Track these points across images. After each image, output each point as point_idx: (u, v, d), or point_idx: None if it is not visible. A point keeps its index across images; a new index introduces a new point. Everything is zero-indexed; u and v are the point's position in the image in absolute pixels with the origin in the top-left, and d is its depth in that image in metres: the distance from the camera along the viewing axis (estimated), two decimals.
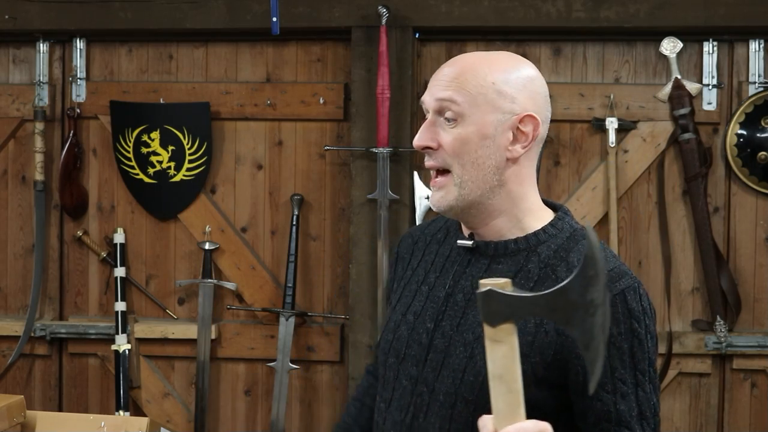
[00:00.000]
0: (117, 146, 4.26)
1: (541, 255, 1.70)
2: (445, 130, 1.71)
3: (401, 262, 1.89)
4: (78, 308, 4.38)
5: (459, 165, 1.69)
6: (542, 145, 1.77)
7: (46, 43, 4.30)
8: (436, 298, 1.75)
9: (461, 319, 1.71)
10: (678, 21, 3.93)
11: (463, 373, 1.68)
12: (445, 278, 1.76)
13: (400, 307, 1.81)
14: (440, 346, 1.71)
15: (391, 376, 1.78)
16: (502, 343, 1.44)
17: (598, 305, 1.40)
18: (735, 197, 4.06)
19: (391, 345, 1.79)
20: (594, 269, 1.39)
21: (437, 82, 1.73)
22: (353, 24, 4.02)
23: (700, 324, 4.05)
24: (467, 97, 1.69)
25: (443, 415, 1.69)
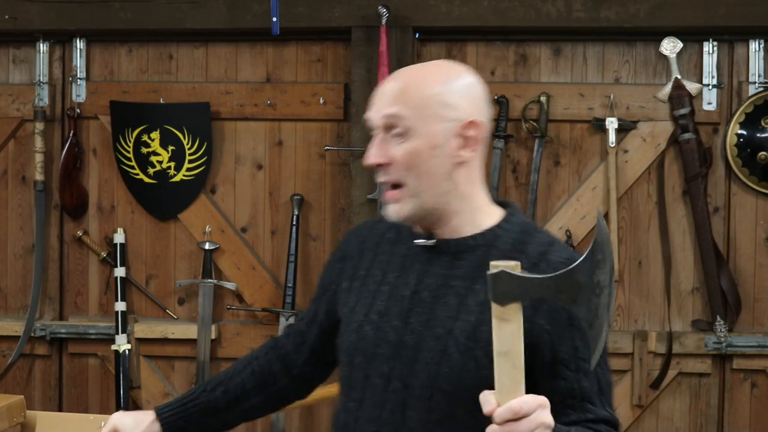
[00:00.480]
0: (117, 146, 4.26)
1: (500, 249, 1.77)
2: (395, 146, 1.76)
3: (350, 261, 1.92)
4: (78, 308, 4.38)
5: (412, 177, 1.75)
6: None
7: (46, 43, 4.30)
8: (400, 296, 1.80)
9: (430, 315, 1.76)
10: (678, 21, 3.93)
11: (438, 366, 1.73)
12: (407, 277, 1.81)
13: (360, 307, 1.84)
14: (410, 343, 1.76)
15: (360, 376, 1.82)
16: (509, 322, 1.51)
17: (604, 287, 1.50)
18: (735, 197, 4.06)
19: (356, 345, 1.83)
20: (602, 253, 1.48)
21: (382, 99, 1.78)
22: (353, 24, 4.02)
23: (700, 324, 4.05)
24: (413, 110, 1.74)
25: (421, 408, 1.75)
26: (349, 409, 1.84)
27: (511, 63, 4.13)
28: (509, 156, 4.13)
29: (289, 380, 2.05)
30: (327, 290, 1.97)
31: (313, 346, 2.02)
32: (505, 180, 4.13)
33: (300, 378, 2.06)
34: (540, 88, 4.08)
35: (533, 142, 4.08)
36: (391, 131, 1.76)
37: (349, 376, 1.85)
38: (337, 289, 1.93)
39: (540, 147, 4.08)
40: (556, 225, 4.08)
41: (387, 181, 1.77)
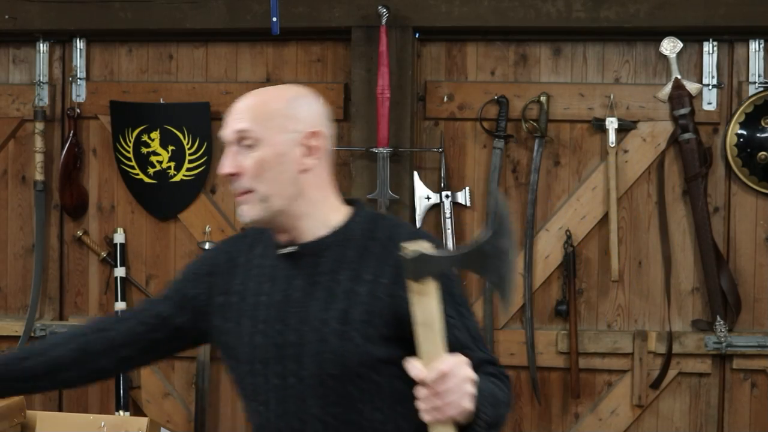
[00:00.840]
0: (117, 146, 4.26)
1: (354, 240, 2.00)
2: (246, 156, 1.96)
3: (220, 276, 2.09)
4: (78, 308, 4.38)
5: (260, 183, 1.96)
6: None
7: (46, 43, 4.31)
8: (276, 302, 1.99)
9: (304, 312, 1.97)
10: (678, 21, 3.93)
11: (321, 354, 1.94)
12: (278, 284, 2.01)
13: (246, 320, 2.02)
14: (293, 340, 1.97)
15: (262, 380, 2.01)
16: (427, 296, 1.71)
17: (508, 252, 1.72)
18: (735, 197, 4.06)
19: (253, 354, 2.01)
20: (503, 225, 1.71)
21: (232, 117, 1.99)
22: (353, 24, 4.02)
23: (700, 324, 4.05)
24: (259, 124, 1.96)
25: (317, 395, 1.96)
26: (260, 412, 2.03)
27: (511, 63, 4.13)
28: (509, 156, 4.13)
29: (111, 362, 2.16)
30: (191, 300, 2.11)
31: (149, 342, 2.15)
32: (505, 180, 4.13)
33: (124, 361, 2.18)
34: (540, 88, 4.08)
35: (533, 142, 4.08)
36: (241, 144, 1.96)
37: (253, 383, 2.02)
38: (208, 302, 2.09)
39: (540, 147, 4.08)
40: (556, 225, 4.08)
41: (238, 189, 1.97)
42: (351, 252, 1.98)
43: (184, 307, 2.11)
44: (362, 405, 1.96)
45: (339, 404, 1.96)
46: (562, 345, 4.07)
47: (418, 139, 4.14)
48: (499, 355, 4.09)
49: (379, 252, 1.96)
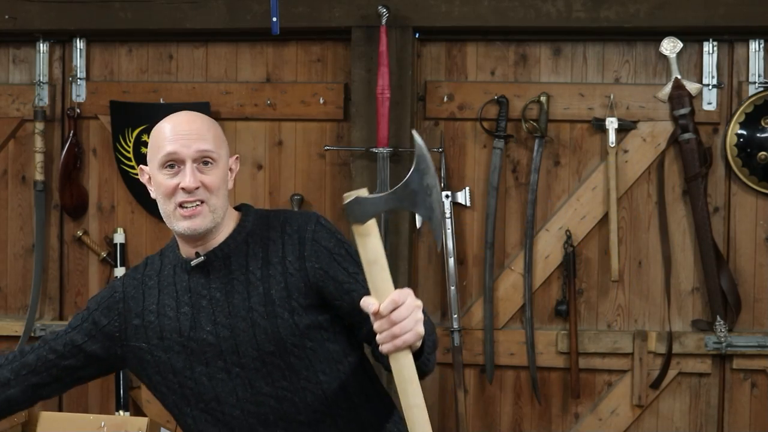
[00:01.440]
0: (117, 146, 4.26)
1: (254, 236, 2.21)
2: (205, 173, 2.16)
3: (132, 300, 2.25)
4: (78, 308, 4.37)
5: (213, 197, 2.17)
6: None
7: (46, 43, 4.31)
8: (200, 308, 2.18)
9: (229, 306, 2.16)
10: (678, 21, 3.93)
11: (255, 337, 2.13)
12: (197, 293, 2.19)
13: (170, 333, 2.19)
14: (225, 334, 2.15)
15: (205, 380, 2.17)
16: (370, 236, 1.84)
17: (433, 187, 1.88)
18: (735, 197, 4.06)
19: (189, 359, 2.17)
20: (425, 163, 1.86)
21: (192, 136, 2.17)
22: (353, 24, 4.02)
23: (700, 324, 4.05)
24: (217, 146, 2.19)
25: (262, 374, 2.14)
26: (210, 410, 2.18)
27: (511, 63, 4.13)
28: (509, 156, 4.13)
29: (21, 389, 2.28)
30: (103, 328, 2.25)
31: (61, 369, 2.29)
32: (505, 180, 4.13)
33: (35, 388, 2.30)
34: (540, 88, 4.08)
35: (533, 142, 4.08)
36: (200, 162, 2.16)
37: (195, 387, 2.18)
38: (122, 328, 2.24)
39: (540, 147, 4.08)
40: (556, 225, 4.08)
41: (194, 200, 2.15)
42: (254, 246, 2.20)
43: (95, 336, 2.25)
44: (306, 372, 2.15)
45: (285, 377, 2.14)
46: (562, 345, 4.07)
47: None
48: (499, 355, 4.10)
49: (278, 237, 2.19)
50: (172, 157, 2.15)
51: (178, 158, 2.15)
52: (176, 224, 2.18)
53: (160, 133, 2.20)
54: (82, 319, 2.28)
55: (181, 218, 2.16)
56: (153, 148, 2.21)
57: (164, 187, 2.16)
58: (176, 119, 2.24)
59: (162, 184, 2.16)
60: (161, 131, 2.21)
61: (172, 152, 2.15)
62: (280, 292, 2.14)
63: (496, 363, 4.09)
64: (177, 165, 2.16)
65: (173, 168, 2.16)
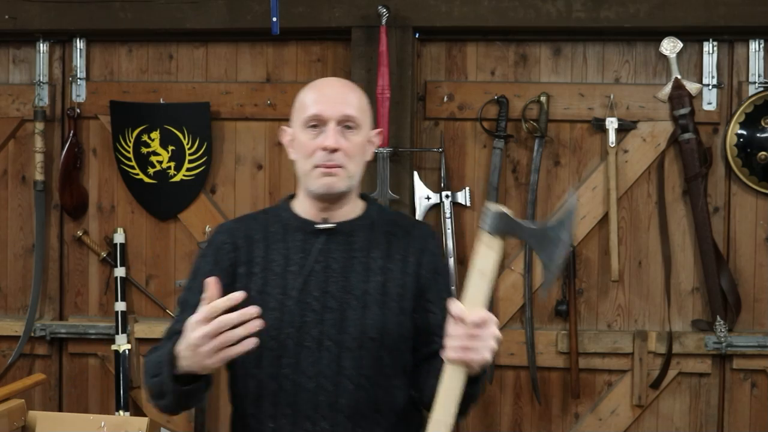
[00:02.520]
0: (117, 146, 4.26)
1: (380, 227, 2.26)
2: (346, 137, 2.19)
3: (240, 250, 2.22)
4: (78, 308, 4.38)
5: (351, 162, 2.19)
6: None
7: (46, 43, 4.30)
8: (313, 272, 2.17)
9: (345, 282, 2.17)
10: (678, 21, 3.93)
11: (364, 320, 2.15)
12: (313, 256, 2.19)
13: (272, 288, 2.18)
14: (333, 306, 2.16)
15: (291, 343, 2.15)
16: (492, 251, 1.93)
17: (563, 242, 1.96)
18: (735, 197, 4.06)
19: (282, 319, 2.15)
20: (569, 219, 1.96)
21: (338, 100, 2.20)
22: (353, 24, 4.02)
23: (700, 324, 4.05)
24: (361, 113, 2.23)
25: (354, 357, 2.14)
26: (284, 375, 2.15)
27: (511, 63, 4.13)
28: (509, 156, 4.13)
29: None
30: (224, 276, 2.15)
31: None
32: (505, 180, 4.13)
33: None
34: (540, 88, 4.08)
35: (533, 142, 4.08)
36: (343, 125, 2.18)
37: (275, 348, 2.15)
38: (233, 272, 2.21)
39: (540, 147, 4.08)
40: None
41: (333, 165, 2.17)
42: (378, 235, 2.24)
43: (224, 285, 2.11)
44: (389, 370, 2.17)
45: (372, 367, 2.16)
46: (562, 345, 4.07)
47: (418, 139, 4.14)
48: (499, 355, 4.10)
49: (403, 236, 2.25)
50: (317, 118, 2.18)
51: (322, 119, 2.18)
52: (312, 182, 2.19)
53: (308, 94, 2.24)
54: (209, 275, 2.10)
55: (320, 175, 2.18)
56: (299, 107, 2.23)
57: (305, 147, 2.19)
58: (325, 82, 2.29)
59: (304, 144, 2.19)
60: (309, 92, 2.24)
61: (317, 113, 2.18)
62: (396, 288, 2.19)
63: (496, 363, 4.08)
64: (320, 126, 2.18)
65: (316, 128, 2.19)
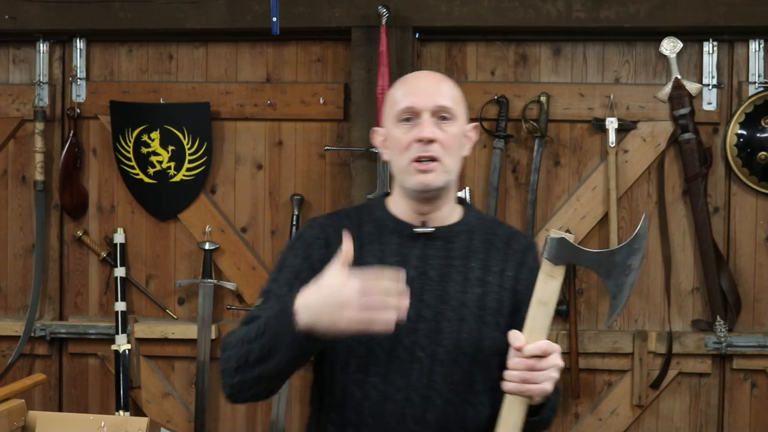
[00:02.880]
0: (117, 146, 4.26)
1: (478, 234, 2.16)
2: (442, 129, 2.08)
3: (333, 249, 2.04)
4: (78, 308, 4.38)
5: (447, 156, 2.08)
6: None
7: (46, 43, 4.30)
8: (408, 278, 2.01)
9: (442, 291, 2.07)
10: (678, 21, 3.93)
11: (459, 333, 2.05)
12: (411, 262, 2.09)
13: None
14: (428, 316, 2.05)
15: (382, 353, 2.04)
16: (555, 279, 1.88)
17: (633, 269, 1.91)
18: (735, 197, 4.06)
19: None
20: (639, 244, 1.90)
21: (433, 91, 2.10)
22: (353, 24, 4.02)
23: (700, 324, 4.05)
24: (457, 105, 2.12)
25: (445, 371, 2.05)
26: (372, 384, 2.05)
27: (511, 63, 4.13)
28: (509, 156, 4.13)
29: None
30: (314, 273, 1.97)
31: None
32: (505, 180, 4.13)
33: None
34: (540, 88, 4.08)
35: (533, 142, 4.08)
36: (438, 116, 2.08)
37: (365, 355, 2.05)
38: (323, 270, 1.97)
39: (540, 147, 4.08)
40: (556, 225, 4.08)
41: (431, 156, 2.06)
42: (477, 243, 2.14)
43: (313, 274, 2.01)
44: (479, 387, 2.09)
45: (462, 383, 2.07)
46: (562, 345, 4.07)
47: None
48: None
49: (502, 247, 2.15)
50: (410, 110, 2.09)
51: (416, 111, 2.08)
52: (408, 179, 2.08)
53: (399, 89, 2.15)
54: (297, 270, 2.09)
55: (416, 172, 2.07)
56: (390, 103, 2.14)
57: (399, 141, 2.09)
58: (416, 75, 2.21)
59: (397, 139, 2.09)
60: (400, 86, 2.15)
61: (410, 105, 2.09)
62: (493, 303, 2.09)
63: None
64: (414, 118, 2.09)
65: (410, 121, 2.09)
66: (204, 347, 4.19)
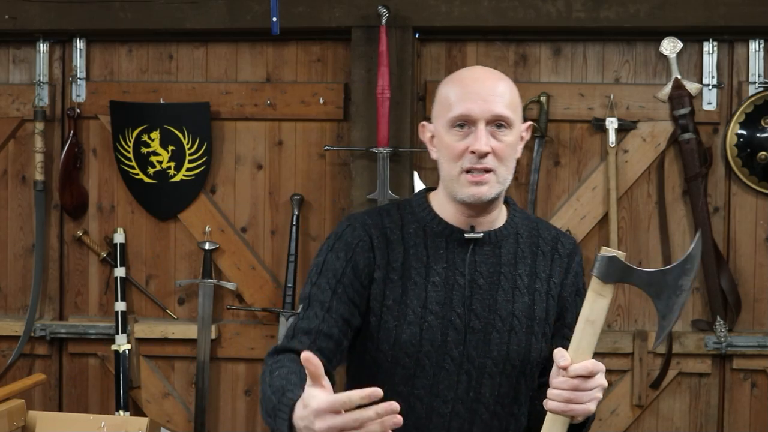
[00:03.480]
0: (117, 146, 4.26)
1: (524, 237, 2.08)
2: (498, 138, 1.98)
3: (378, 251, 2.01)
4: (78, 308, 4.38)
5: (502, 165, 1.98)
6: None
7: (46, 43, 4.30)
8: (457, 286, 1.98)
9: (491, 300, 2.00)
10: (678, 21, 3.93)
11: (508, 344, 2.00)
12: (457, 268, 2.00)
13: (412, 300, 1.98)
14: (477, 327, 1.99)
15: (429, 363, 1.98)
16: (604, 298, 1.79)
17: (684, 290, 1.80)
18: (735, 197, 4.06)
19: (422, 336, 1.98)
20: (692, 264, 1.81)
21: (490, 97, 1.97)
22: (353, 24, 4.02)
23: (700, 324, 4.05)
24: (513, 111, 2.00)
25: (493, 384, 2.00)
26: (418, 396, 1.99)
27: (511, 63, 4.13)
28: None
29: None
30: (358, 277, 1.99)
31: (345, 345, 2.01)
32: None
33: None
34: (540, 88, 4.08)
35: (533, 142, 4.08)
36: (493, 125, 1.97)
37: (410, 367, 1.99)
38: (370, 276, 2.00)
39: (540, 147, 4.08)
40: (556, 225, 4.07)
41: (486, 168, 1.97)
42: (524, 247, 2.06)
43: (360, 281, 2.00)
44: (522, 399, 2.05)
45: (508, 395, 2.03)
46: None
47: (418, 139, 4.14)
48: None
49: (549, 252, 2.06)
50: (464, 118, 1.97)
51: (471, 119, 1.96)
52: (459, 190, 1.98)
53: (452, 89, 2.00)
54: (340, 274, 2.00)
55: (468, 184, 1.96)
56: (443, 104, 2.01)
57: (452, 149, 1.97)
58: (471, 74, 2.04)
59: (450, 146, 1.98)
60: (453, 86, 2.01)
61: (465, 112, 1.96)
62: (540, 312, 2.03)
63: None
64: (468, 126, 1.97)
65: (463, 128, 1.97)
66: (204, 347, 4.19)
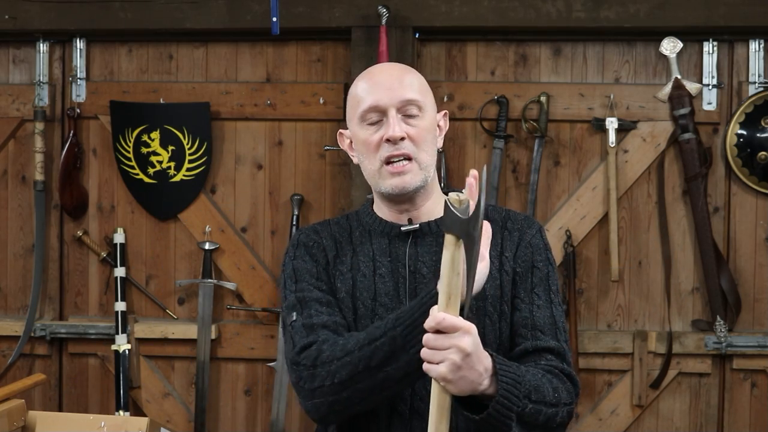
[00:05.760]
0: (117, 146, 4.26)
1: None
2: (410, 124, 1.98)
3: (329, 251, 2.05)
4: (78, 308, 4.38)
5: (421, 151, 1.98)
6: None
7: (46, 43, 4.30)
8: (400, 277, 1.99)
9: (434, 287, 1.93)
10: (678, 21, 3.93)
11: None
12: (399, 260, 2.00)
13: (362, 292, 1.99)
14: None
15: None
16: (446, 249, 1.67)
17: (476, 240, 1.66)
18: (735, 197, 4.06)
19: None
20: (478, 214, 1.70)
21: (397, 85, 1.99)
22: (353, 24, 4.02)
23: (700, 324, 4.05)
24: (423, 96, 2.01)
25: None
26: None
27: (511, 63, 4.13)
28: (509, 156, 4.13)
29: None
30: (325, 271, 2.03)
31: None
32: (505, 180, 4.13)
33: None
34: (540, 88, 4.08)
35: (533, 142, 4.08)
36: (404, 112, 1.98)
37: None
38: (329, 270, 2.04)
39: (540, 147, 4.08)
40: (556, 225, 4.08)
41: (403, 155, 1.97)
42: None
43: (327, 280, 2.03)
44: None
45: None
46: None
47: None
48: None
49: (497, 231, 2.01)
50: (374, 109, 1.99)
51: (380, 109, 1.98)
52: (383, 183, 1.98)
53: (360, 85, 2.04)
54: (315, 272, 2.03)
55: (389, 175, 1.97)
56: (352, 104, 2.04)
57: (368, 143, 1.99)
58: (376, 69, 2.07)
59: (365, 141, 1.99)
60: (360, 83, 2.04)
61: (373, 104, 1.99)
62: (493, 290, 1.96)
63: None
64: (380, 116, 1.98)
65: (376, 122, 1.99)
66: (204, 347, 4.19)
